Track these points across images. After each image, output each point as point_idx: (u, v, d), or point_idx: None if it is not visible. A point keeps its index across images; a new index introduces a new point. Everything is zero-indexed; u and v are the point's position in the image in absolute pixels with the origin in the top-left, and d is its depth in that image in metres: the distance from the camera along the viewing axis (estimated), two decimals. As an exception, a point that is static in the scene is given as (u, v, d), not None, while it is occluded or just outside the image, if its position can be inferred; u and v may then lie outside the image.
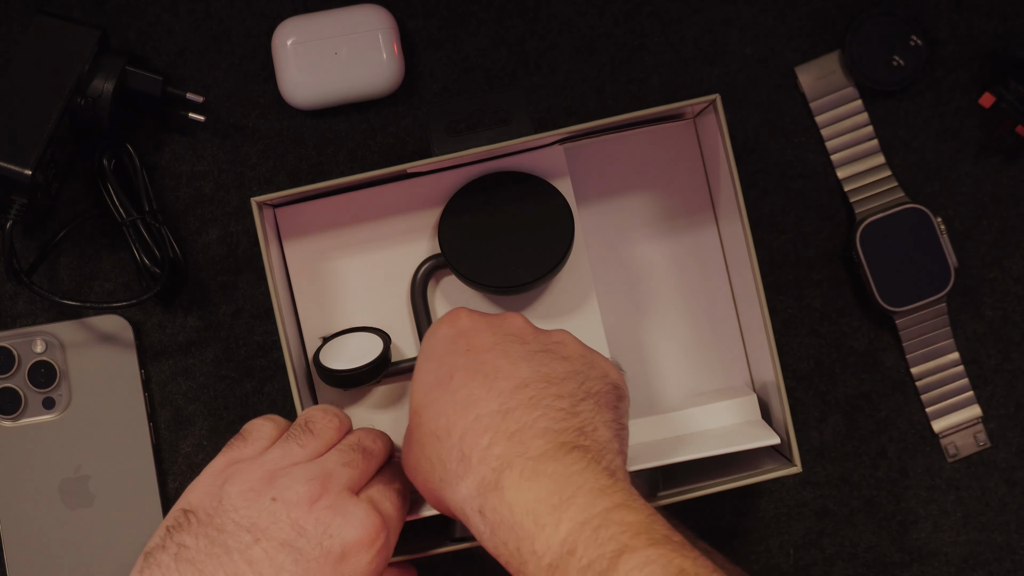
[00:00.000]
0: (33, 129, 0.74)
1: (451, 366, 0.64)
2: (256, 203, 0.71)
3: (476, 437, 0.61)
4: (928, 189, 0.82)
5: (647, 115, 0.72)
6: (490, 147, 0.71)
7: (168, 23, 0.80)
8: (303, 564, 0.60)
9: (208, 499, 0.62)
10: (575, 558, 0.55)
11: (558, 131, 0.71)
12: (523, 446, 0.60)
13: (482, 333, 0.65)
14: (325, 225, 0.76)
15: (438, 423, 0.63)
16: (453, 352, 0.65)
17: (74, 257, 0.80)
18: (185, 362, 0.80)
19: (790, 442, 0.70)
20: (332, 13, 0.79)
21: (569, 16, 0.81)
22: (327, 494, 0.62)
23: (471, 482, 0.60)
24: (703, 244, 0.79)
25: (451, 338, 0.66)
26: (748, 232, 0.72)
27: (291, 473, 0.62)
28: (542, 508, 0.57)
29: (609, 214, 0.79)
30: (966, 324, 0.82)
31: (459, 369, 0.64)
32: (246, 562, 0.60)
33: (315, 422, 0.66)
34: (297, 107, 0.80)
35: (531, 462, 0.59)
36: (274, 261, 0.73)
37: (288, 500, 0.61)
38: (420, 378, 0.65)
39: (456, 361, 0.64)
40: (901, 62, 0.81)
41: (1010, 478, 0.82)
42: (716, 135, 0.73)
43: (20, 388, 0.78)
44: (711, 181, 0.78)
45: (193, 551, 0.60)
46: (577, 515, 0.56)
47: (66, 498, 0.78)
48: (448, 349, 0.65)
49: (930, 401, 0.81)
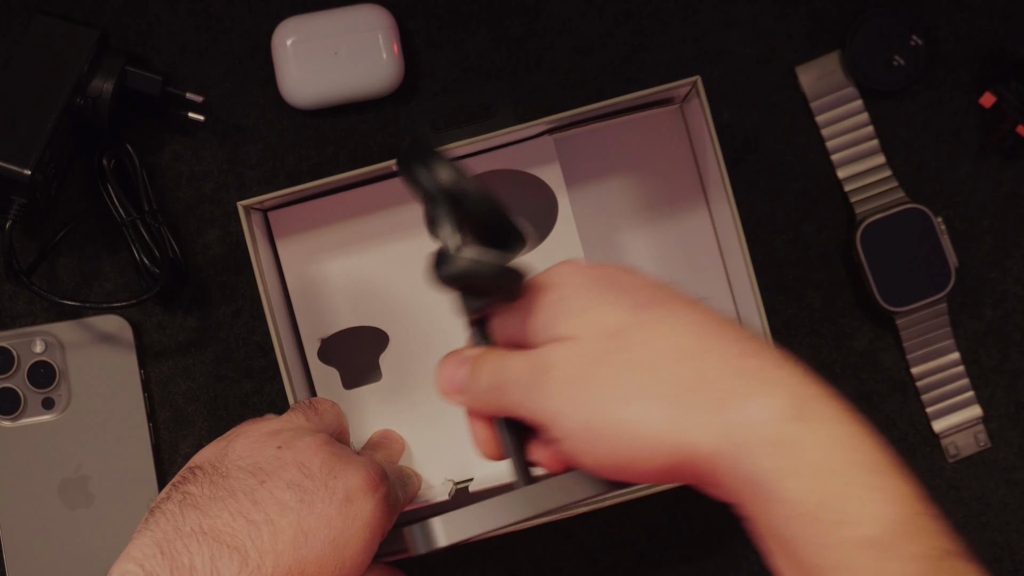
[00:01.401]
0: (32, 129, 0.74)
1: (651, 293, 0.52)
2: (243, 207, 0.71)
3: (757, 356, 0.50)
4: (928, 189, 0.82)
5: (630, 100, 0.73)
6: (474, 139, 0.71)
7: (168, 23, 0.80)
8: (308, 503, 0.59)
9: (214, 455, 0.62)
10: (909, 542, 0.46)
11: (541, 120, 0.72)
12: (816, 384, 0.49)
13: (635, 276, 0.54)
14: (318, 225, 0.76)
15: (681, 340, 0.50)
16: (639, 285, 0.53)
17: (74, 257, 0.80)
18: (185, 362, 0.80)
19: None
20: (332, 13, 0.79)
21: (569, 16, 0.81)
22: (331, 444, 0.62)
23: (767, 403, 0.48)
24: (695, 229, 0.79)
25: (620, 271, 0.54)
26: (735, 211, 0.72)
27: (297, 430, 0.63)
28: (865, 465, 0.48)
29: (601, 202, 0.79)
30: (967, 324, 0.82)
31: (670, 295, 0.52)
32: (251, 502, 0.58)
33: (319, 402, 0.67)
34: (297, 107, 0.80)
35: (835, 403, 0.49)
36: (266, 263, 0.73)
37: (294, 447, 0.61)
38: (601, 300, 0.52)
39: (655, 293, 0.52)
40: (901, 62, 0.81)
41: (1011, 478, 0.82)
42: (701, 119, 0.73)
43: (19, 388, 0.78)
44: (700, 166, 0.78)
45: (198, 497, 0.59)
46: (904, 488, 0.48)
47: (66, 498, 0.78)
48: (632, 281, 0.53)
49: (930, 401, 0.81)
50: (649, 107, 0.78)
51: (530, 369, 0.52)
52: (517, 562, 0.80)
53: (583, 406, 0.50)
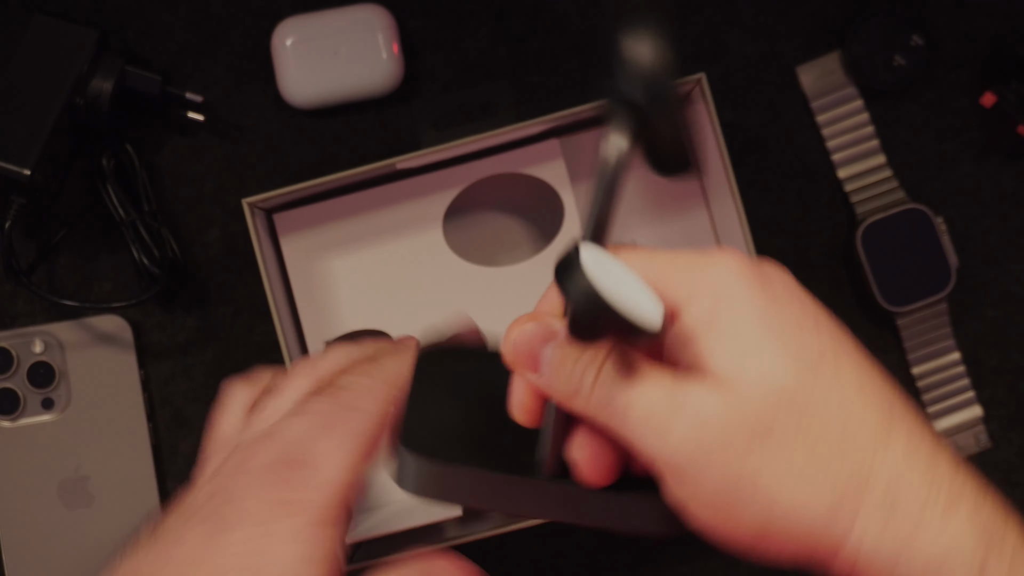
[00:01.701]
0: (32, 129, 0.73)
1: (823, 339, 0.45)
2: (248, 204, 0.71)
3: (940, 461, 0.45)
4: (929, 189, 0.82)
5: None
6: (475, 137, 0.72)
7: (167, 23, 0.80)
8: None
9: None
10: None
11: (545, 118, 0.72)
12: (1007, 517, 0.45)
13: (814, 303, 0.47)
14: (323, 225, 0.76)
15: (862, 421, 0.44)
16: (808, 317, 0.46)
17: (73, 257, 0.80)
18: (184, 362, 0.80)
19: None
20: (332, 13, 0.79)
21: (569, 15, 0.81)
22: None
23: (901, 447, 0.44)
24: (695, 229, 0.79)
25: (782, 282, 0.47)
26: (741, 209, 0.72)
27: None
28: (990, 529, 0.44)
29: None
30: (967, 324, 0.82)
31: (845, 347, 0.46)
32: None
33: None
34: (297, 107, 0.79)
35: (947, 451, 0.45)
36: (271, 262, 0.73)
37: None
38: (766, 338, 0.45)
39: (829, 341, 0.45)
40: (902, 62, 0.80)
41: (1011, 479, 0.82)
42: (703, 120, 0.74)
43: (19, 388, 0.78)
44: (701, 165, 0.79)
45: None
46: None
47: (65, 498, 0.78)
48: (800, 309, 0.46)
49: (931, 401, 0.81)
50: None
51: (669, 410, 0.44)
52: (517, 562, 0.80)
53: (729, 472, 0.44)
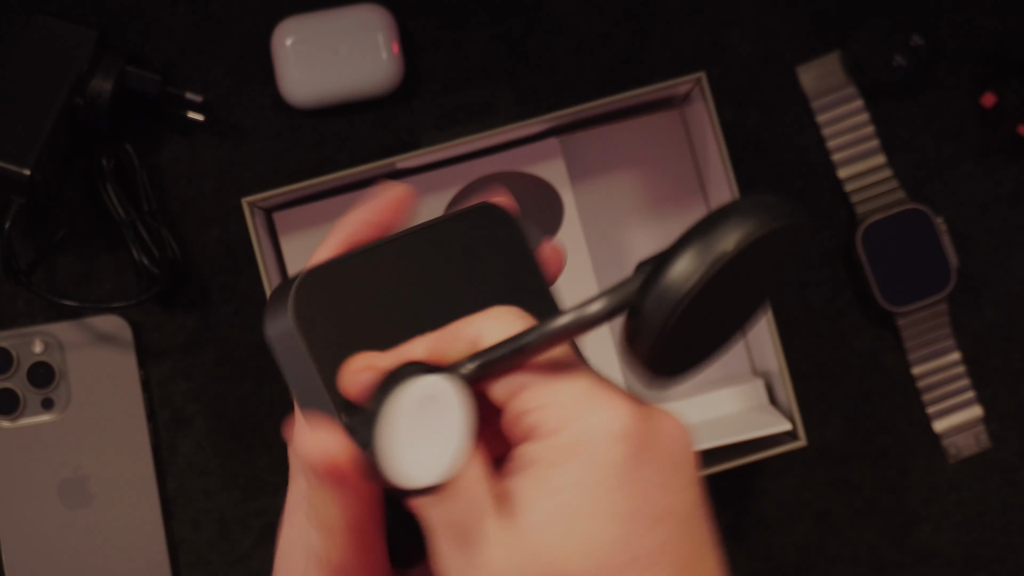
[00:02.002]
0: (32, 129, 0.74)
1: (650, 544, 0.39)
2: (248, 204, 0.71)
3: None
4: (929, 189, 0.82)
5: (635, 96, 0.73)
6: (475, 137, 0.72)
7: (167, 23, 0.80)
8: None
9: None
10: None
11: (545, 117, 0.72)
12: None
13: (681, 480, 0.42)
14: (323, 224, 0.77)
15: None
16: (648, 516, 0.39)
17: (73, 257, 0.80)
18: (184, 362, 0.80)
19: (795, 419, 0.72)
20: (332, 13, 0.79)
21: (569, 16, 0.81)
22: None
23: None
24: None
25: (635, 476, 0.39)
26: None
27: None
28: None
29: (606, 202, 0.79)
30: (967, 324, 0.82)
31: (665, 555, 0.40)
32: None
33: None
34: (296, 107, 0.79)
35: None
36: (270, 262, 0.74)
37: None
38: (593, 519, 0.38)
39: (656, 537, 0.39)
40: (902, 62, 0.80)
41: (1011, 479, 0.82)
42: (704, 119, 0.74)
43: (19, 388, 0.78)
44: (700, 165, 0.79)
45: None
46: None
47: (65, 498, 0.78)
48: (644, 503, 0.39)
49: (931, 401, 0.81)
50: (652, 110, 0.78)
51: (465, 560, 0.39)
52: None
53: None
